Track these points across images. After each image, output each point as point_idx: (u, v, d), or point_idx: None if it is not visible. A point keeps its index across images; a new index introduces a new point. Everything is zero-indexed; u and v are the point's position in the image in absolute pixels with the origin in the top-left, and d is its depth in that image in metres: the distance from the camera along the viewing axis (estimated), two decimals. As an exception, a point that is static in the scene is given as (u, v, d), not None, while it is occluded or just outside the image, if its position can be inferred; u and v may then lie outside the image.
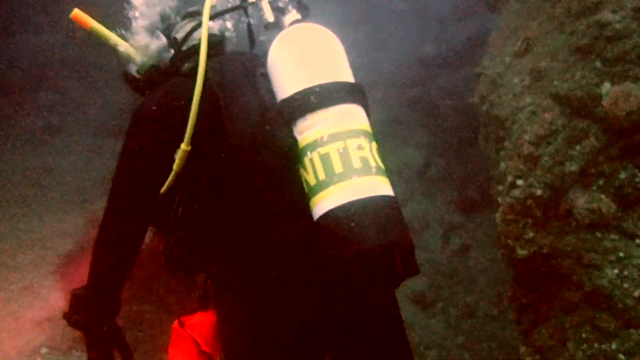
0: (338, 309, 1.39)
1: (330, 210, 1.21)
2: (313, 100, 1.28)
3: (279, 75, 1.36)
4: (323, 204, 1.23)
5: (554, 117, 2.92)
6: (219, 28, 1.69)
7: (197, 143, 1.38)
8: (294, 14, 1.50)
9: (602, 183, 2.78)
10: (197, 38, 1.56)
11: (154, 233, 1.56)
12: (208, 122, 1.39)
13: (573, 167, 2.81)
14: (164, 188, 1.41)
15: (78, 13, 1.58)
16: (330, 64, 1.36)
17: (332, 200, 1.22)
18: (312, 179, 1.26)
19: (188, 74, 1.53)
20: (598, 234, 2.73)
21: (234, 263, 1.46)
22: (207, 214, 1.44)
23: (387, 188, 1.27)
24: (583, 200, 2.76)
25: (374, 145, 1.31)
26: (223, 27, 1.69)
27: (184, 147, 1.37)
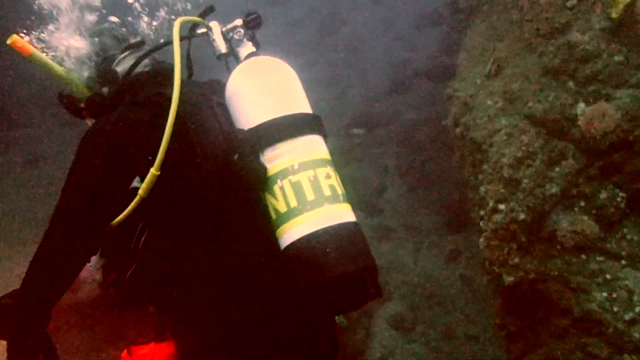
0: (305, 335, 1.39)
1: (303, 237, 1.23)
2: (283, 130, 1.31)
3: (243, 105, 1.38)
4: (295, 231, 1.24)
5: (531, 139, 2.89)
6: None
7: (165, 168, 1.32)
8: (250, 47, 1.56)
9: (583, 204, 2.75)
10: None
11: (102, 265, 1.45)
12: (177, 146, 1.35)
13: (554, 189, 2.78)
14: (125, 214, 1.33)
15: (17, 39, 1.54)
16: (294, 96, 1.41)
17: (304, 227, 1.24)
18: (282, 206, 1.27)
19: (139, 102, 1.47)
20: (583, 256, 2.70)
21: (199, 293, 1.38)
22: (172, 243, 1.36)
23: (351, 215, 1.32)
24: (566, 223, 2.73)
25: (337, 174, 1.36)
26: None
27: (154, 171, 1.31)
